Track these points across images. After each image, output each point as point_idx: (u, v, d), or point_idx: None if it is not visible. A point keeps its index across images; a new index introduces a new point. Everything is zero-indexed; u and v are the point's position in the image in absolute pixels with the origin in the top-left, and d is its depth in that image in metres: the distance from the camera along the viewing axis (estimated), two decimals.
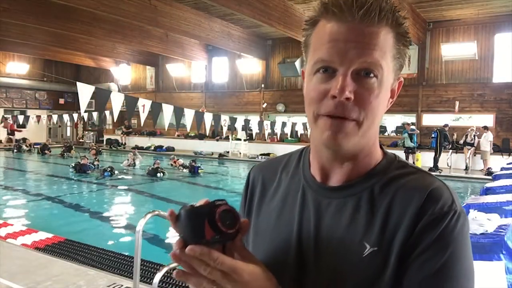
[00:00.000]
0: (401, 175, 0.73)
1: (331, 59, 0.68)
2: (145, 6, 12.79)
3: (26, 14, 13.47)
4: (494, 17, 14.36)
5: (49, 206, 8.50)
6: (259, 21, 12.45)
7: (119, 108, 6.98)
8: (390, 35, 0.69)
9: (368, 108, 0.68)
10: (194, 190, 11.25)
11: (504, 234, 3.35)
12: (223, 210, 0.65)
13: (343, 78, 0.66)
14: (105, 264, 4.57)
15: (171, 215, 0.67)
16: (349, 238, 0.71)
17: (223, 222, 0.64)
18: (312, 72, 0.71)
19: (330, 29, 0.68)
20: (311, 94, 0.71)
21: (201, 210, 0.66)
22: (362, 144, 0.73)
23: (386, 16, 0.67)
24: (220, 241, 0.66)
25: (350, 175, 0.75)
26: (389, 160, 0.77)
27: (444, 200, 0.67)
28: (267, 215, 0.84)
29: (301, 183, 0.81)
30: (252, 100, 20.08)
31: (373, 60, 0.67)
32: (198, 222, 0.65)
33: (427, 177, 0.72)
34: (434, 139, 14.00)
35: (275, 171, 0.88)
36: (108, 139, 23.53)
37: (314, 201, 0.77)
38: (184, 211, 0.67)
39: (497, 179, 8.37)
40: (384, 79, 0.69)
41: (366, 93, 0.68)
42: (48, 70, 24.18)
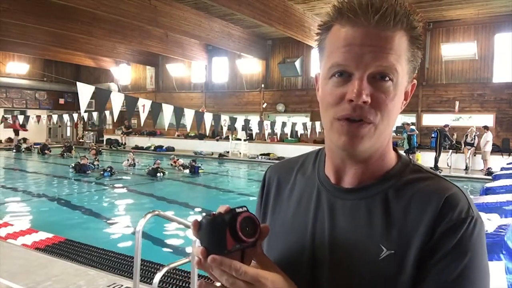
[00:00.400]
0: (416, 179, 0.73)
1: (347, 63, 0.68)
2: (145, 6, 12.79)
3: (26, 14, 13.47)
4: (494, 17, 14.36)
5: (49, 206, 8.50)
6: (259, 21, 12.45)
7: (119, 108, 6.98)
8: (404, 38, 0.70)
9: (384, 111, 0.69)
10: (194, 190, 11.25)
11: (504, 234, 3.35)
12: (243, 218, 0.66)
13: (360, 82, 0.67)
14: (105, 264, 4.57)
15: (195, 224, 0.68)
16: (364, 240, 0.71)
17: (243, 230, 0.65)
18: (327, 76, 0.72)
19: (345, 33, 0.69)
20: (327, 98, 0.72)
21: (222, 219, 0.66)
22: (376, 146, 0.74)
23: (401, 20, 0.68)
24: (241, 249, 0.67)
25: (364, 177, 0.75)
26: (404, 163, 0.78)
27: (461, 206, 0.68)
28: (283, 215, 0.85)
29: (316, 184, 0.82)
30: (252, 100, 20.08)
31: (388, 64, 0.68)
32: (219, 232, 0.66)
33: (443, 182, 0.73)
34: (434, 139, 14.01)
35: (290, 171, 0.89)
36: (108, 139, 23.54)
37: (328, 202, 0.78)
38: (206, 220, 0.68)
39: (497, 179, 8.37)
40: (399, 82, 0.70)
41: (382, 96, 0.68)
42: (48, 70, 24.18)
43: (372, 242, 0.70)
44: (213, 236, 0.66)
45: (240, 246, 0.66)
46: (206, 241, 0.67)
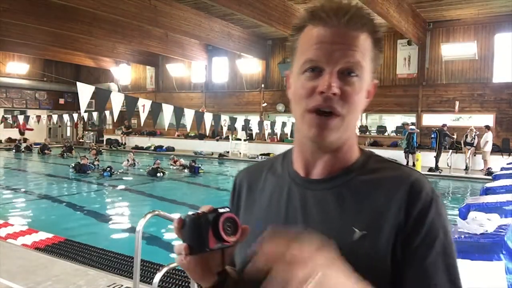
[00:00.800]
0: (381, 168, 0.81)
1: (318, 59, 0.75)
2: (145, 6, 12.79)
3: (26, 14, 13.48)
4: (494, 17, 14.36)
5: (49, 206, 8.50)
6: (259, 21, 12.46)
7: (119, 108, 6.98)
8: (369, 39, 0.77)
9: (351, 103, 0.76)
10: (194, 190, 11.25)
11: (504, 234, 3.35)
12: (226, 218, 0.69)
13: (330, 76, 0.74)
14: (105, 264, 4.57)
15: (179, 222, 0.72)
16: (338, 225, 0.76)
17: (225, 230, 0.68)
18: (300, 72, 0.78)
19: (317, 32, 0.76)
20: (299, 91, 0.78)
21: (206, 218, 0.69)
22: (343, 138, 0.80)
23: (366, 24, 0.76)
24: (222, 248, 0.70)
25: (332, 168, 0.82)
26: (367, 155, 0.85)
27: (426, 189, 0.75)
28: (255, 214, 0.88)
29: (286, 180, 0.87)
30: (252, 100, 20.08)
31: (355, 60, 0.75)
32: (203, 230, 0.68)
33: (405, 169, 0.81)
34: (434, 139, 14.01)
35: (260, 173, 0.94)
36: (108, 139, 23.54)
37: (299, 194, 0.83)
38: (190, 218, 0.71)
39: (497, 179, 8.36)
40: (364, 78, 0.77)
41: (349, 90, 0.75)
42: (48, 70, 24.18)
43: (345, 226, 0.75)
44: (196, 234, 0.69)
45: (222, 246, 0.69)
46: (189, 239, 0.70)
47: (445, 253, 0.73)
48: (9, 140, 23.18)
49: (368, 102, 0.83)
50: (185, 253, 0.70)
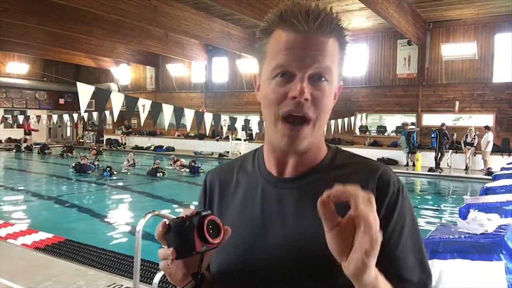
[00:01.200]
0: (348, 163, 0.85)
1: (289, 64, 0.75)
2: (145, 6, 12.78)
3: (26, 14, 13.47)
4: (494, 17, 14.35)
5: (49, 206, 8.50)
6: (259, 21, 12.42)
7: (119, 108, 6.97)
8: (336, 43, 0.78)
9: (322, 108, 0.78)
10: (194, 190, 11.25)
11: (504, 234, 3.35)
12: (209, 220, 0.71)
13: (302, 81, 0.75)
14: (105, 264, 4.57)
15: (163, 227, 0.73)
16: (314, 222, 0.75)
17: (210, 233, 0.70)
18: (270, 77, 0.78)
19: (287, 37, 0.76)
20: (270, 96, 0.78)
21: (191, 222, 0.71)
22: (315, 141, 0.82)
23: (335, 29, 0.77)
24: (207, 250, 0.72)
25: (303, 167, 0.84)
26: (333, 151, 0.88)
27: (393, 179, 0.81)
28: (230, 214, 0.89)
29: (259, 180, 0.88)
30: (252, 100, 20.07)
31: (325, 65, 0.76)
32: (189, 234, 0.70)
33: (371, 162, 0.85)
34: (434, 139, 14.01)
35: (231, 173, 0.95)
36: (108, 139, 23.54)
37: (274, 193, 0.85)
38: (174, 224, 0.72)
39: (497, 179, 8.35)
40: (333, 82, 0.79)
41: (320, 95, 0.77)
42: (48, 70, 24.18)
43: (320, 222, 0.75)
44: (183, 238, 0.71)
45: (207, 248, 0.71)
46: (175, 243, 0.72)
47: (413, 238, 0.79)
48: (9, 140, 23.17)
49: (334, 103, 0.84)
50: (172, 258, 0.72)
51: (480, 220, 3.57)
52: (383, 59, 16.85)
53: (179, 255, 0.71)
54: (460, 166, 14.04)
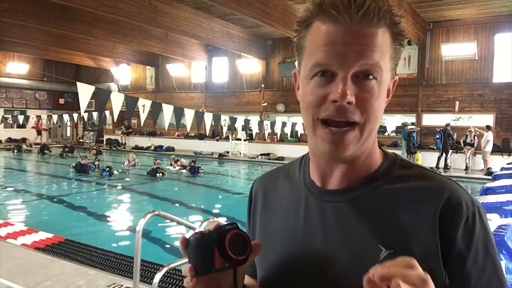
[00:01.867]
0: (407, 176, 0.72)
1: (329, 62, 0.66)
2: (145, 6, 12.78)
3: (26, 14, 13.47)
4: (494, 17, 14.35)
5: (49, 206, 8.50)
6: (259, 21, 12.45)
7: (119, 108, 6.98)
8: (387, 35, 0.67)
9: (370, 111, 0.67)
10: (194, 190, 11.25)
11: (504, 234, 3.35)
12: (232, 235, 0.65)
13: (344, 82, 0.65)
14: (105, 264, 4.57)
15: (182, 242, 0.68)
16: (361, 242, 0.69)
17: (232, 248, 0.64)
18: (309, 76, 0.69)
19: (327, 31, 0.66)
20: (308, 98, 0.69)
21: (211, 237, 0.65)
22: (363, 148, 0.72)
23: (384, 16, 0.65)
24: (230, 267, 0.66)
25: (352, 178, 0.73)
26: (390, 160, 0.76)
27: (465, 201, 0.67)
28: (273, 224, 0.83)
29: (303, 189, 0.80)
30: (252, 100, 20.07)
31: (373, 62, 0.65)
32: (208, 250, 0.65)
33: (437, 177, 0.71)
34: (439, 140, 14.01)
35: (275, 180, 0.88)
36: (108, 139, 23.54)
37: (317, 206, 0.76)
38: (194, 238, 0.67)
39: (497, 179, 8.35)
40: (383, 80, 0.68)
41: (367, 96, 0.66)
42: (48, 70, 24.17)
43: (368, 243, 0.68)
44: (201, 254, 0.66)
45: (230, 265, 0.65)
46: (193, 259, 0.67)
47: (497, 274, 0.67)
48: (9, 140, 23.17)
49: (388, 101, 0.75)
50: (190, 275, 0.66)
51: None
52: None
53: (197, 272, 0.66)
54: (460, 166, 14.04)
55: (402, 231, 0.67)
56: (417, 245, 0.65)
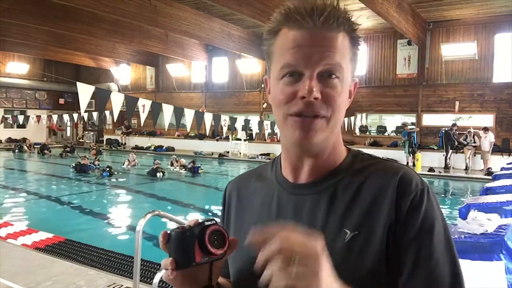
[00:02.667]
0: (367, 165, 0.80)
1: (297, 63, 0.73)
2: (145, 6, 12.78)
3: (26, 14, 13.46)
4: (494, 17, 14.35)
5: (49, 206, 8.50)
6: (259, 21, 12.44)
7: (119, 108, 6.97)
8: (347, 39, 0.75)
9: (334, 105, 0.74)
10: (194, 190, 11.25)
11: (504, 234, 3.35)
12: (212, 230, 0.68)
13: (310, 80, 0.72)
14: (105, 264, 4.57)
15: (164, 236, 0.71)
16: (329, 228, 0.74)
17: (212, 243, 0.67)
18: (278, 77, 0.75)
19: (294, 35, 0.73)
20: (279, 97, 0.75)
21: (191, 232, 0.68)
22: (329, 140, 0.78)
23: (343, 22, 0.74)
24: (209, 261, 0.69)
25: (319, 171, 0.80)
26: (354, 154, 0.84)
27: (415, 180, 0.74)
28: (246, 222, 0.87)
29: (275, 186, 0.86)
30: (252, 100, 20.07)
31: (334, 62, 0.73)
32: (189, 244, 0.68)
33: (391, 163, 0.80)
34: (440, 139, 14.04)
35: (249, 181, 0.94)
36: (108, 139, 23.54)
37: (288, 200, 0.82)
38: (175, 233, 0.70)
39: (497, 179, 8.35)
40: (345, 79, 0.75)
41: (331, 92, 0.73)
42: (48, 70, 24.18)
43: (335, 228, 0.74)
44: (182, 248, 0.69)
45: (209, 259, 0.68)
46: (175, 253, 0.70)
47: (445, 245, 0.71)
48: (9, 140, 23.18)
49: (350, 102, 0.81)
50: (171, 268, 0.69)
51: (480, 220, 3.57)
52: (383, 59, 16.85)
53: (178, 265, 0.69)
54: (460, 166, 14.04)
55: (366, 213, 0.73)
56: (380, 223, 0.72)
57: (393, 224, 0.71)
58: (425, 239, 0.71)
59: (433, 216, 0.72)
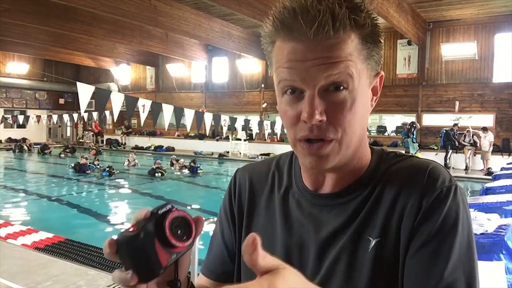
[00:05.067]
0: (393, 165, 0.73)
1: (293, 79, 0.64)
2: (145, 6, 12.78)
3: (26, 14, 13.46)
4: (494, 17, 14.36)
5: (49, 206, 8.50)
6: (259, 21, 12.44)
7: (119, 108, 6.99)
8: (354, 39, 0.64)
9: (344, 124, 0.65)
10: (194, 190, 11.25)
11: (504, 234, 3.35)
12: (172, 219, 0.53)
13: (311, 100, 0.63)
14: (105, 264, 4.57)
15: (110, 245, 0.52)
16: (353, 238, 0.69)
17: (176, 235, 0.52)
18: (280, 94, 0.68)
19: (287, 50, 0.64)
20: (284, 118, 0.69)
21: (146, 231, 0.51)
22: (348, 156, 0.70)
23: (342, 25, 0.61)
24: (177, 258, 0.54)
25: (344, 182, 0.74)
26: (378, 155, 0.76)
27: (443, 176, 0.67)
28: (261, 226, 0.80)
29: (295, 192, 0.79)
30: (252, 100, 20.08)
31: (339, 71, 0.62)
32: (147, 248, 0.51)
33: (418, 160, 0.73)
34: (441, 139, 14.06)
35: (265, 175, 0.85)
36: (108, 139, 23.54)
37: (310, 211, 0.75)
38: (125, 239, 0.52)
39: (497, 179, 8.36)
40: (356, 87, 0.65)
41: (338, 109, 0.64)
42: (48, 70, 24.18)
43: (360, 238, 0.69)
44: (141, 257, 0.51)
45: (177, 255, 0.53)
46: (133, 265, 0.52)
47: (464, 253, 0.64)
48: (9, 140, 23.18)
49: (376, 101, 0.73)
50: (132, 283, 0.52)
51: (480, 220, 3.57)
52: (383, 59, 16.73)
53: (141, 278, 0.52)
54: (460, 166, 14.04)
55: (390, 217, 0.68)
56: (404, 227, 0.66)
57: (416, 220, 0.66)
58: (442, 243, 0.63)
59: (456, 216, 0.65)
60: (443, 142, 14.01)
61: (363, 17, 0.64)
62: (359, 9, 0.63)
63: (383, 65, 0.71)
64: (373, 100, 0.72)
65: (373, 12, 0.66)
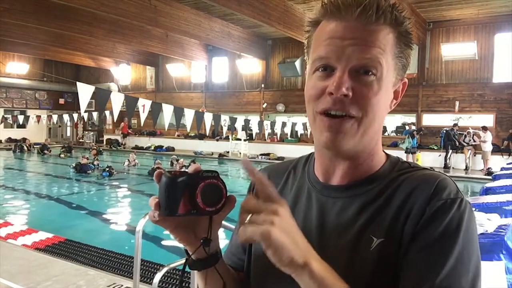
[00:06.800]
0: (405, 173, 0.74)
1: (328, 55, 0.68)
2: (145, 6, 12.78)
3: (26, 14, 13.47)
4: (494, 17, 14.35)
5: (49, 206, 8.50)
6: (259, 21, 12.45)
7: (119, 108, 6.98)
8: (390, 33, 0.69)
9: (367, 105, 0.68)
10: None
11: (504, 234, 3.35)
12: (207, 184, 0.61)
13: (341, 74, 0.66)
14: (105, 264, 4.57)
15: (156, 177, 0.65)
16: (356, 235, 0.70)
17: (204, 198, 0.61)
18: (311, 71, 0.72)
19: (329, 28, 0.69)
20: (309, 91, 0.72)
21: (183, 181, 0.61)
22: (363, 144, 0.72)
23: (384, 15, 0.68)
24: (197, 215, 0.63)
25: (353, 175, 0.75)
26: (393, 162, 0.78)
27: (450, 188, 0.68)
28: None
29: (306, 184, 0.82)
30: (252, 100, 20.08)
31: (371, 56, 0.67)
32: (175, 194, 0.61)
33: (431, 172, 0.73)
34: (442, 139, 14.07)
35: (282, 174, 0.88)
36: (108, 139, 23.54)
37: (318, 201, 0.77)
38: (165, 178, 0.63)
39: (497, 179, 8.35)
40: (384, 77, 0.69)
41: (364, 90, 0.67)
42: (48, 70, 24.17)
43: (363, 235, 0.69)
44: (167, 195, 0.61)
45: (197, 213, 0.62)
46: (161, 197, 0.63)
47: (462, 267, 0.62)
48: (9, 140, 23.17)
49: (395, 105, 0.76)
50: (154, 209, 0.65)
51: (480, 220, 3.57)
52: None
53: (160, 211, 0.63)
54: (460, 166, 14.04)
55: (399, 220, 0.68)
56: (406, 231, 0.67)
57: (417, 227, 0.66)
58: (439, 250, 0.63)
59: (458, 227, 0.64)
60: (443, 142, 14.02)
61: (402, 17, 0.70)
62: (400, 10, 0.70)
63: None
64: (392, 103, 0.75)
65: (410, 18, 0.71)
